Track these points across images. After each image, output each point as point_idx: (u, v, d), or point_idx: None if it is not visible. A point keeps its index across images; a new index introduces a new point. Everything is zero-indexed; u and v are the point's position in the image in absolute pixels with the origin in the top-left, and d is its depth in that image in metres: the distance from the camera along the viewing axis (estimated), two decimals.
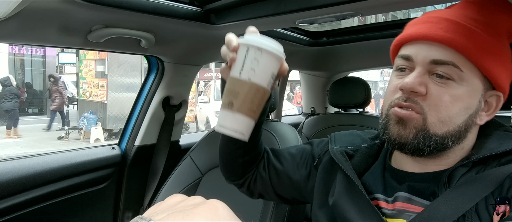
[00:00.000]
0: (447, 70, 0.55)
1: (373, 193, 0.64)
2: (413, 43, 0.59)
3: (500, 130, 0.61)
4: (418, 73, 0.57)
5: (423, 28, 0.58)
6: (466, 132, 0.58)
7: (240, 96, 0.55)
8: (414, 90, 0.56)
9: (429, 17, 0.59)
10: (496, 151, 0.56)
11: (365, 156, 0.71)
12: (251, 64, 0.55)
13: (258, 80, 0.55)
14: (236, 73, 0.56)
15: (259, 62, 0.55)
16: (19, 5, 0.83)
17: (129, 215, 1.54)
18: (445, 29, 0.55)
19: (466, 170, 0.57)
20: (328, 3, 0.98)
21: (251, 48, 0.55)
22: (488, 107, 0.60)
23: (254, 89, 0.55)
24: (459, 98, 0.56)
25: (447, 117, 0.56)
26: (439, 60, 0.55)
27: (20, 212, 1.16)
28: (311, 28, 1.79)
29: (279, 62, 0.57)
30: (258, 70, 0.55)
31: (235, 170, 0.82)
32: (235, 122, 0.56)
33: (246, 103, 0.55)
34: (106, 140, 8.06)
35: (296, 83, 14.44)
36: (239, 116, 0.55)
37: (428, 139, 0.56)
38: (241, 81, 0.55)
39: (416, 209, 0.58)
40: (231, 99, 0.56)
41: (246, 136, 0.57)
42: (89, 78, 8.87)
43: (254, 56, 0.54)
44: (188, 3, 1.18)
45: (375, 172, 0.68)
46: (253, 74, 0.55)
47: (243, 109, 0.55)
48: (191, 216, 0.29)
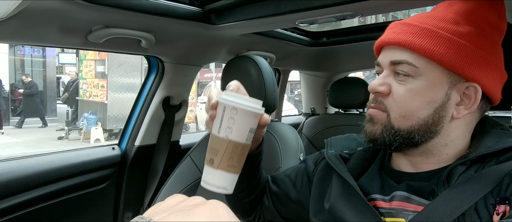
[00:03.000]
0: (404, 68, 0.59)
1: (370, 194, 0.65)
2: (382, 49, 0.65)
3: (497, 128, 0.62)
4: (382, 75, 0.63)
5: (384, 36, 0.64)
6: (435, 125, 0.59)
7: (219, 153, 0.58)
8: (376, 91, 0.62)
9: (390, 25, 0.65)
10: (494, 149, 0.57)
11: (361, 159, 0.72)
12: (227, 123, 0.57)
13: (235, 137, 0.58)
14: (215, 131, 0.59)
15: (235, 120, 0.57)
16: (19, 5, 0.83)
17: (129, 215, 1.54)
18: (397, 32, 0.61)
19: (464, 169, 0.57)
20: (328, 3, 0.98)
21: (227, 108, 0.57)
22: (468, 100, 0.59)
23: (231, 146, 0.58)
24: (418, 93, 0.59)
25: (408, 112, 0.59)
26: (395, 61, 0.61)
27: (20, 212, 1.16)
28: (311, 29, 1.79)
29: (256, 117, 0.59)
30: (235, 128, 0.57)
31: (244, 210, 0.85)
32: (216, 178, 0.58)
33: (225, 160, 0.58)
34: (106, 140, 8.06)
35: (296, 83, 14.44)
36: (220, 172, 0.58)
37: (393, 134, 0.60)
38: (220, 139, 0.58)
39: (415, 208, 0.58)
40: (211, 156, 0.59)
41: (230, 189, 0.60)
42: (89, 78, 8.87)
43: (230, 115, 0.57)
44: (188, 3, 1.18)
45: (371, 173, 0.69)
46: (230, 132, 0.57)
47: (223, 166, 0.58)
48: (191, 216, 0.29)
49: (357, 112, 2.17)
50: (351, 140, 0.78)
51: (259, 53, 1.65)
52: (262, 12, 1.12)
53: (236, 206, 0.85)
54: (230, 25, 1.24)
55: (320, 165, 0.78)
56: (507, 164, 0.54)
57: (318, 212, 0.72)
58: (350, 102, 2.06)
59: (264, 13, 1.12)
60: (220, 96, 0.59)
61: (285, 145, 1.19)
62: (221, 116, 0.58)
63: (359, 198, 0.62)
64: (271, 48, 1.73)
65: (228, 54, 1.55)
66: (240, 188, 0.80)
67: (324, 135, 1.96)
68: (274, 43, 1.67)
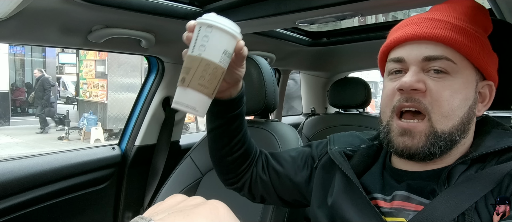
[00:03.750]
0: (441, 65, 0.56)
1: (372, 193, 0.64)
2: (402, 46, 0.60)
3: (498, 128, 0.62)
4: (413, 71, 0.58)
5: (409, 30, 0.59)
6: (468, 123, 0.59)
7: (191, 71, 0.57)
8: (414, 88, 0.56)
9: (411, 19, 0.61)
10: (494, 148, 0.57)
11: (364, 156, 0.72)
12: (201, 41, 0.57)
13: (208, 55, 0.57)
14: (189, 50, 0.58)
15: (209, 38, 0.57)
16: (19, 5, 0.83)
17: (129, 215, 1.54)
18: (430, 27, 0.57)
19: (465, 168, 0.57)
20: (328, 3, 0.98)
21: (202, 26, 0.57)
22: (483, 98, 0.62)
23: (204, 65, 0.57)
24: (458, 91, 0.57)
25: (450, 111, 0.56)
26: (431, 56, 0.57)
27: (20, 212, 1.16)
28: (311, 29, 1.79)
29: (232, 39, 0.59)
30: (208, 46, 0.57)
31: (227, 170, 0.82)
32: (186, 97, 0.57)
33: (196, 79, 0.57)
34: (106, 140, 8.06)
35: None
36: (190, 91, 0.57)
37: (438, 140, 0.56)
38: (192, 57, 0.57)
39: (415, 208, 0.58)
40: (183, 75, 0.58)
41: (200, 111, 0.58)
42: (89, 78, 8.88)
43: (205, 34, 0.57)
44: (188, 3, 1.18)
45: (373, 172, 0.68)
46: (204, 50, 0.57)
47: (193, 84, 0.57)
48: (191, 216, 0.29)
49: (357, 111, 2.17)
50: (354, 137, 0.77)
51: (259, 53, 1.65)
52: (262, 12, 1.12)
53: (219, 167, 0.83)
54: None
55: (322, 159, 0.77)
56: (507, 164, 0.54)
57: (321, 204, 0.72)
58: (350, 102, 2.06)
59: (264, 13, 1.11)
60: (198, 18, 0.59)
61: (285, 145, 1.19)
62: (196, 35, 0.58)
63: (361, 196, 0.62)
64: (271, 48, 1.73)
65: None
66: (222, 142, 0.78)
67: (324, 135, 1.96)
68: (274, 43, 1.67)
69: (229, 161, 0.80)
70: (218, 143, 0.79)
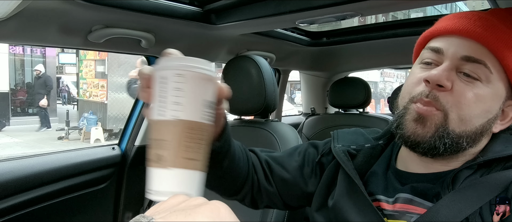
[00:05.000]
0: (476, 70, 0.53)
1: (375, 194, 0.64)
2: (445, 37, 0.57)
3: (506, 133, 0.61)
4: (446, 67, 0.54)
5: (459, 23, 0.55)
6: (481, 135, 0.57)
7: (169, 144, 0.41)
8: (440, 83, 0.53)
9: (465, 13, 0.57)
10: (502, 154, 0.55)
11: (368, 156, 0.70)
12: (174, 97, 0.41)
13: (188, 115, 0.41)
14: (156, 114, 0.42)
15: (184, 91, 0.41)
16: (19, 5, 0.83)
17: (129, 215, 1.54)
18: (482, 26, 0.53)
19: (470, 173, 0.56)
20: (328, 3, 0.98)
21: (169, 77, 0.42)
22: (504, 117, 0.59)
23: (186, 129, 0.41)
24: (483, 99, 0.54)
25: (468, 116, 0.54)
26: (471, 57, 0.53)
27: (20, 212, 1.16)
28: (311, 29, 1.79)
29: (211, 85, 0.44)
30: (186, 101, 0.41)
31: (224, 191, 0.73)
32: (171, 181, 0.41)
33: (181, 152, 0.41)
34: (106, 140, 8.05)
35: (296, 83, 14.44)
36: (175, 172, 0.41)
37: (446, 135, 0.54)
38: (166, 123, 0.41)
39: (417, 211, 0.57)
40: (158, 151, 0.41)
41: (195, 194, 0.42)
42: (89, 78, 8.87)
43: (176, 86, 0.41)
44: (188, 3, 1.18)
45: (377, 172, 0.67)
46: (180, 108, 0.41)
47: (178, 161, 0.41)
48: (193, 215, 0.29)
49: (357, 112, 2.17)
50: (358, 135, 0.74)
51: (259, 53, 1.65)
52: (262, 12, 1.12)
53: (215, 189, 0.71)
54: (230, 25, 1.24)
55: (324, 158, 0.74)
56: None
57: (321, 206, 0.70)
58: (350, 102, 2.07)
59: (264, 13, 1.12)
60: (155, 66, 0.44)
61: (285, 145, 1.19)
62: (162, 90, 0.42)
63: (363, 198, 0.61)
64: (271, 48, 1.73)
65: (228, 54, 1.55)
66: (212, 184, 0.67)
67: (324, 135, 1.96)
68: (274, 43, 1.67)
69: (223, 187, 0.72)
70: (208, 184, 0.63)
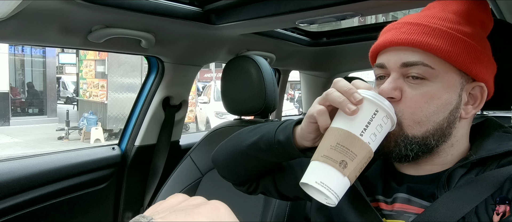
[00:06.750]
0: (419, 70, 0.56)
1: (373, 195, 0.64)
2: (385, 51, 0.61)
3: (499, 131, 0.61)
4: (392, 78, 0.58)
5: (389, 36, 0.60)
6: (449, 128, 0.58)
7: (356, 160, 0.48)
8: (389, 96, 0.57)
9: (393, 24, 0.61)
10: (495, 152, 0.56)
11: None
12: (375, 129, 0.50)
13: (374, 146, 0.50)
14: (357, 131, 0.49)
15: (383, 130, 0.50)
16: (19, 5, 0.83)
17: (129, 215, 1.54)
18: (407, 32, 0.57)
19: (465, 171, 0.57)
20: (328, 3, 0.98)
21: (380, 112, 0.50)
22: (474, 99, 0.60)
23: (368, 157, 0.50)
24: (435, 96, 0.56)
25: (423, 117, 0.56)
26: (408, 62, 0.57)
27: (20, 212, 1.16)
28: (311, 29, 1.79)
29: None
30: (378, 138, 0.50)
31: (241, 180, 0.82)
32: (341, 186, 0.48)
33: (358, 169, 0.49)
34: (106, 140, 8.06)
35: (296, 83, 14.44)
36: (347, 182, 0.48)
37: (409, 143, 0.57)
38: (362, 144, 0.49)
39: (415, 210, 0.58)
40: (345, 159, 0.48)
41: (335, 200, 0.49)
42: (89, 78, 8.89)
43: (380, 123, 0.50)
44: (188, 3, 1.18)
45: (374, 173, 0.68)
46: (374, 140, 0.50)
47: (352, 175, 0.49)
48: (192, 215, 0.29)
49: None
50: None
51: (259, 53, 1.65)
52: (262, 12, 1.12)
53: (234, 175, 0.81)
54: (230, 25, 1.24)
55: None
56: (508, 168, 0.53)
57: (321, 206, 0.70)
58: None
59: (264, 13, 1.12)
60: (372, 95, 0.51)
61: None
62: (370, 117, 0.50)
63: (362, 198, 0.62)
64: (271, 48, 1.73)
65: (228, 54, 1.55)
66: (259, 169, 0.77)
67: None
68: (274, 43, 1.67)
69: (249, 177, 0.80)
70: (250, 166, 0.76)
